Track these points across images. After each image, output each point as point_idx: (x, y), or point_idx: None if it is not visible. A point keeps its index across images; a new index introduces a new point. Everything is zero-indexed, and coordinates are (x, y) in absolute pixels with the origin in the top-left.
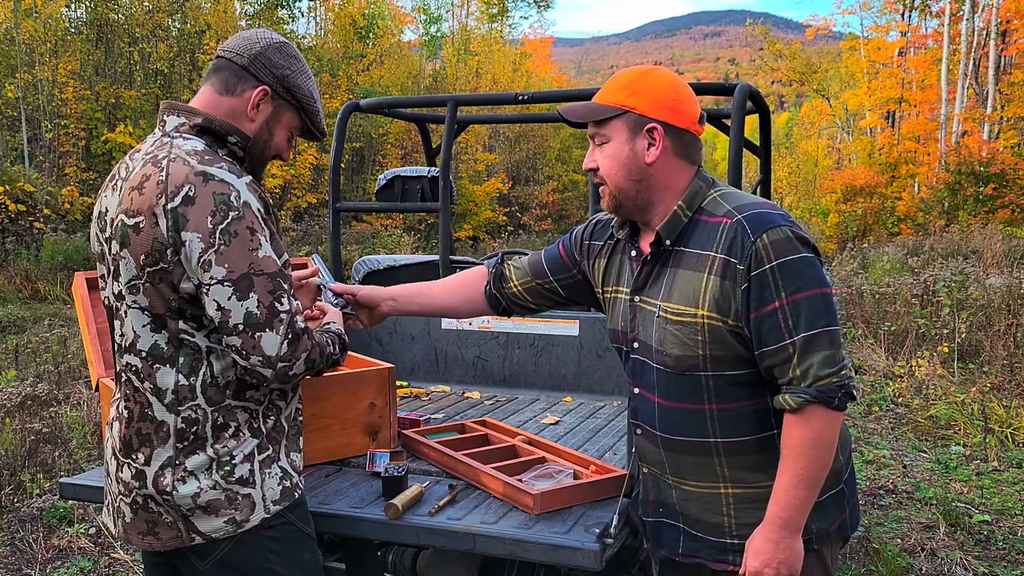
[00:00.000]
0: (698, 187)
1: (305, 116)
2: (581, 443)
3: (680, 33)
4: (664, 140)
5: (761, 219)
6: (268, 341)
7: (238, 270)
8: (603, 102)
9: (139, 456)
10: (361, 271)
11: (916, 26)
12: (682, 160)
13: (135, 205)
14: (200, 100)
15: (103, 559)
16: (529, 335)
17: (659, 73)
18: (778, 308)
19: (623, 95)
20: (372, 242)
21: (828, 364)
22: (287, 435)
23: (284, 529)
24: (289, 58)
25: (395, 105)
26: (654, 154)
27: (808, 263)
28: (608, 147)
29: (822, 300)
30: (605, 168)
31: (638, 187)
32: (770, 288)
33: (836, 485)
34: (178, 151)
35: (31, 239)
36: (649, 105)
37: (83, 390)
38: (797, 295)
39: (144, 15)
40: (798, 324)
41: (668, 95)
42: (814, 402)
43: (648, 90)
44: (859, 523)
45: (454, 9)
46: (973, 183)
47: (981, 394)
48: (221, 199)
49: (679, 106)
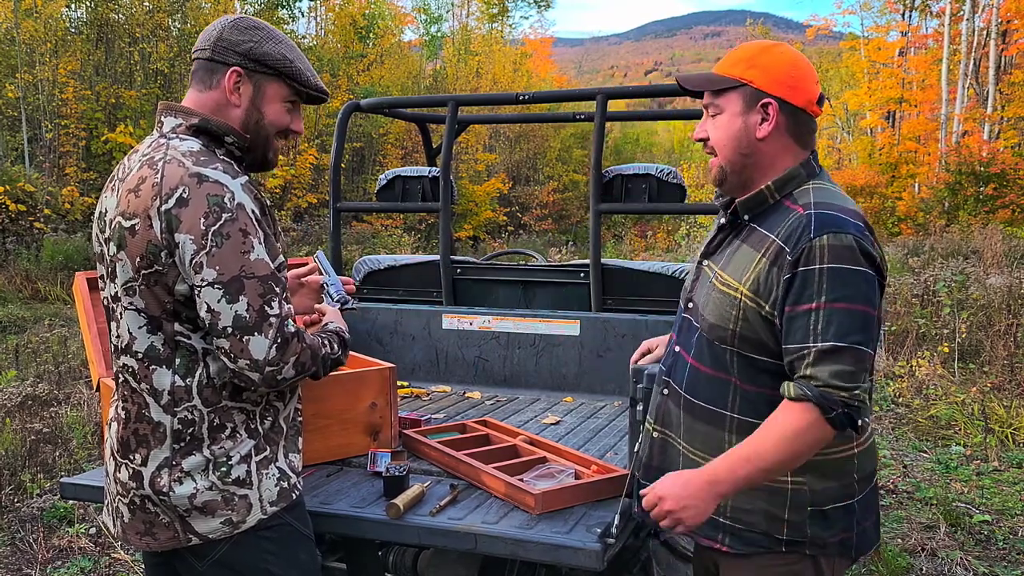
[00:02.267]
0: (796, 173)
1: (290, 80)
2: (582, 443)
3: (680, 33)
4: (778, 116)
5: (831, 220)
6: (256, 344)
7: (229, 272)
8: (722, 72)
9: (136, 457)
10: (361, 271)
11: (916, 26)
12: (793, 140)
13: (131, 207)
14: (189, 100)
15: (103, 559)
16: (530, 335)
17: (781, 49)
18: (814, 309)
19: (742, 67)
20: (372, 242)
21: (843, 377)
22: (285, 436)
23: (281, 530)
24: (248, 30)
25: (395, 105)
26: (766, 129)
27: (862, 278)
28: (721, 118)
29: (862, 317)
30: (715, 139)
31: (745, 161)
32: (812, 288)
33: (844, 499)
34: (174, 152)
35: (31, 239)
36: (767, 79)
37: (83, 390)
38: (837, 304)
39: (144, 15)
40: (827, 331)
41: (788, 71)
42: (811, 402)
43: (768, 64)
44: (871, 549)
45: (454, 9)
46: (973, 183)
47: (981, 394)
48: (215, 200)
49: (798, 83)
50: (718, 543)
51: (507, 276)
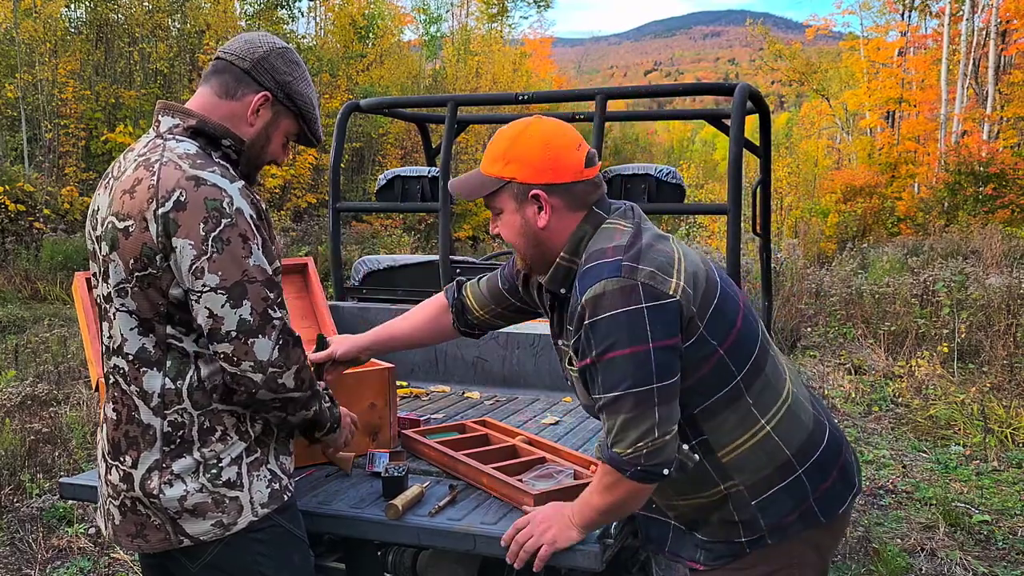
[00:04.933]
0: (583, 233)
1: (303, 123)
2: (581, 443)
3: (680, 33)
4: (551, 201)
5: (589, 274)
6: (260, 346)
7: (231, 278)
8: (487, 173)
9: (127, 459)
10: (361, 271)
11: (916, 26)
12: (574, 211)
13: (126, 208)
14: (198, 102)
15: (103, 559)
16: (529, 335)
17: (531, 132)
18: (590, 365)
19: (500, 165)
20: (372, 242)
21: (626, 429)
22: (276, 438)
23: (273, 532)
24: (291, 64)
25: (395, 105)
26: (544, 219)
27: (623, 320)
28: (503, 217)
29: (631, 360)
30: (507, 237)
31: (540, 249)
32: (585, 345)
33: (784, 479)
34: (170, 154)
35: (31, 239)
36: (526, 171)
37: (83, 390)
38: (604, 355)
39: (144, 15)
40: (604, 384)
41: (542, 156)
42: (607, 463)
43: (521, 155)
44: (842, 505)
45: (454, 9)
46: (973, 183)
47: (981, 394)
48: (213, 205)
49: (556, 163)
50: (697, 563)
51: None
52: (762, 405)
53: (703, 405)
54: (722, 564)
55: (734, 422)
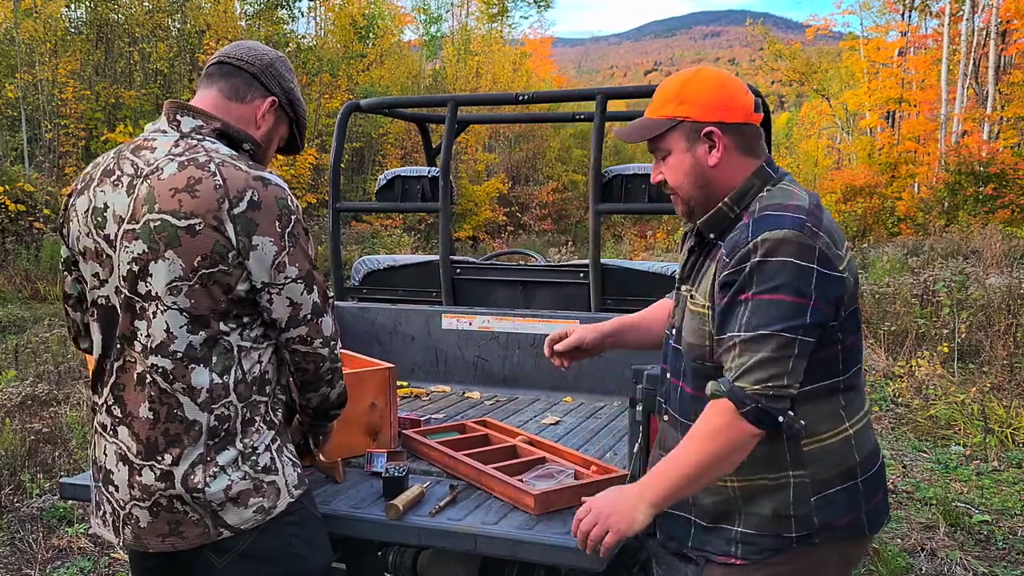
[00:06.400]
0: (750, 185)
1: (296, 129)
2: (581, 443)
3: (680, 33)
4: (724, 139)
5: (767, 221)
6: (326, 323)
7: (304, 268)
8: (654, 116)
9: (166, 457)
10: (361, 271)
11: (916, 26)
12: (745, 155)
13: (186, 207)
14: (207, 103)
15: (103, 559)
16: (529, 335)
17: (703, 75)
18: (742, 301)
19: (672, 106)
20: (372, 242)
21: (762, 366)
22: (284, 425)
23: (302, 514)
24: (291, 72)
25: (395, 105)
26: (716, 157)
27: (792, 268)
28: (671, 159)
29: (790, 306)
30: (673, 179)
31: (706, 191)
32: (743, 283)
33: (845, 483)
34: (218, 155)
35: (31, 239)
36: (700, 110)
37: (83, 390)
38: (763, 295)
39: (144, 15)
40: (751, 321)
41: (717, 95)
42: (725, 397)
43: (696, 95)
44: (881, 525)
45: (454, 9)
46: (973, 183)
47: (981, 394)
48: (282, 203)
49: (731, 102)
50: (732, 557)
51: (507, 276)
52: (850, 410)
53: (805, 388)
54: (764, 559)
55: (824, 415)
